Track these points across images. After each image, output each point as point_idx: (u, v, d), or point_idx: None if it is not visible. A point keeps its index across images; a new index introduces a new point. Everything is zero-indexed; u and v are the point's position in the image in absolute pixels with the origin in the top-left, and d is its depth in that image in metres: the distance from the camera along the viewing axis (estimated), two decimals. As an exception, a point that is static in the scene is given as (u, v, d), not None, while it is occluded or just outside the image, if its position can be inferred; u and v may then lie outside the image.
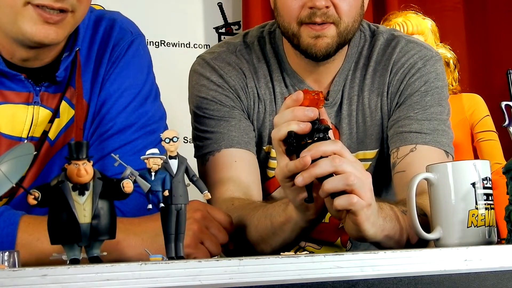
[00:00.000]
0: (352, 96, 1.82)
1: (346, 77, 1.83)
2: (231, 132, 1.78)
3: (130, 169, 1.05)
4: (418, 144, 1.73)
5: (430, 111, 1.78)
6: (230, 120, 1.79)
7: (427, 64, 1.82)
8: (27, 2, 1.43)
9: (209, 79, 1.82)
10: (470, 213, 1.32)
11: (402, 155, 1.73)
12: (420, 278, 1.06)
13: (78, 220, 1.01)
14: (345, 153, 1.34)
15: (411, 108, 1.78)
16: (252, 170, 1.78)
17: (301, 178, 1.33)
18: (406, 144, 1.74)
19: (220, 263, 0.97)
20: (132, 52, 1.67)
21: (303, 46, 1.72)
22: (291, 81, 1.83)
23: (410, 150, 1.73)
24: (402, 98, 1.80)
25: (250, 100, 1.82)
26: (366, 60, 1.85)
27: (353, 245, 1.89)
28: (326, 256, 1.01)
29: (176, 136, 1.09)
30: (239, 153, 1.77)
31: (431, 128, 1.76)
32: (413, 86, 1.79)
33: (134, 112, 1.63)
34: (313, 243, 1.88)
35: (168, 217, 1.08)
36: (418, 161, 1.70)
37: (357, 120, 1.82)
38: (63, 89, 1.60)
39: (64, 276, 0.90)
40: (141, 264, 0.94)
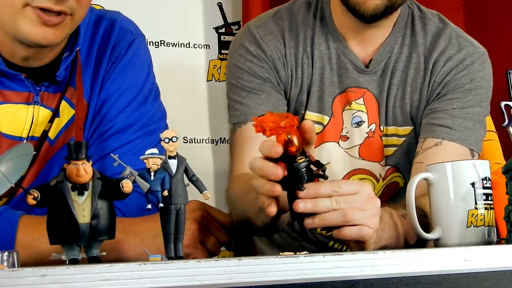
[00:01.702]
0: (396, 70, 1.84)
1: (391, 50, 1.84)
2: (259, 105, 1.79)
3: (129, 169, 1.05)
4: (444, 140, 1.75)
5: (468, 110, 1.79)
6: (259, 94, 1.80)
7: (476, 62, 1.83)
8: (26, 4, 1.43)
9: (247, 49, 1.84)
10: (470, 213, 1.32)
11: (426, 146, 1.75)
12: (419, 278, 1.05)
13: (77, 220, 1.00)
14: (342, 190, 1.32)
15: (450, 103, 1.79)
16: None
17: (311, 221, 1.30)
18: (433, 137, 1.76)
19: (219, 263, 0.96)
20: (132, 52, 1.67)
21: (352, 2, 1.73)
22: (335, 44, 1.84)
23: (435, 143, 1.75)
24: (445, 90, 1.81)
25: (287, 69, 1.83)
26: (415, 40, 1.86)
27: None
28: (325, 256, 1.01)
29: (176, 136, 1.09)
30: None
31: (464, 126, 1.77)
32: (458, 82, 1.80)
33: (134, 112, 1.63)
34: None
35: (167, 217, 1.08)
36: (439, 156, 1.71)
37: (396, 94, 1.83)
38: (63, 89, 1.60)
39: (64, 276, 0.90)
40: (140, 264, 0.93)
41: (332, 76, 1.83)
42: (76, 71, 1.60)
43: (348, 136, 1.84)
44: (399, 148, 1.83)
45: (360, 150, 1.84)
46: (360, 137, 1.84)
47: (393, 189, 1.86)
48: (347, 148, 1.84)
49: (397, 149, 1.83)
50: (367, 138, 1.84)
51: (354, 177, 1.84)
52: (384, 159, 1.84)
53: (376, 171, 1.84)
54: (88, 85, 1.61)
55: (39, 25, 1.45)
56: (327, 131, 1.84)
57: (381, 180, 1.84)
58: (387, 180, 1.84)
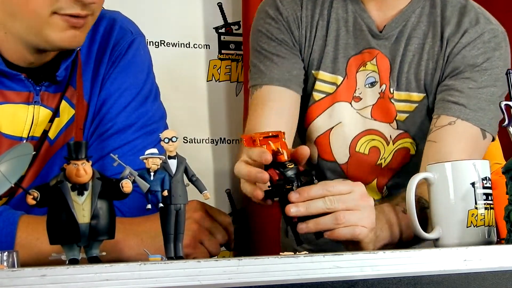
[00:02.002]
0: (413, 37, 1.85)
1: (408, 18, 1.85)
2: (273, 69, 1.84)
3: (129, 169, 1.05)
4: (459, 119, 1.75)
5: (483, 91, 1.79)
6: (273, 58, 1.84)
7: (493, 41, 1.83)
8: (53, 12, 1.44)
9: (267, 12, 1.88)
10: (470, 213, 1.32)
11: (440, 124, 1.76)
12: (419, 278, 1.05)
13: (77, 220, 1.00)
14: (335, 190, 1.33)
15: (466, 81, 1.79)
16: (285, 112, 1.83)
17: (305, 226, 1.32)
18: (448, 115, 1.76)
19: (219, 263, 0.96)
20: (132, 52, 1.67)
21: None
22: (353, 7, 1.87)
23: (448, 122, 1.75)
24: (461, 67, 1.81)
25: (302, 29, 1.87)
26: (434, 12, 1.86)
27: (388, 193, 1.89)
28: (325, 256, 1.01)
29: (175, 136, 1.09)
30: (277, 92, 1.83)
31: (478, 106, 1.77)
32: (475, 60, 1.80)
33: (134, 112, 1.63)
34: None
35: (167, 217, 1.08)
36: (452, 136, 1.73)
37: (411, 61, 1.84)
38: (63, 89, 1.60)
39: (63, 276, 0.90)
40: (140, 264, 0.93)
41: (347, 38, 1.86)
42: (76, 71, 1.60)
43: (361, 97, 1.86)
44: (411, 114, 1.84)
45: (372, 110, 1.85)
46: (373, 97, 1.85)
47: (403, 155, 1.86)
48: (360, 109, 1.86)
49: (409, 115, 1.84)
50: (379, 99, 1.85)
51: (365, 137, 1.85)
52: (395, 123, 1.84)
53: (387, 132, 1.85)
54: (88, 85, 1.61)
55: (68, 29, 1.47)
56: (340, 91, 1.86)
57: (391, 143, 1.85)
58: (397, 144, 1.85)
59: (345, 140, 1.86)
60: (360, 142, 1.86)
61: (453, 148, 1.71)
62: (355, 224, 1.32)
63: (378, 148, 1.85)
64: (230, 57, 2.62)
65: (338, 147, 1.87)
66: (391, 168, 1.87)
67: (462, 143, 1.73)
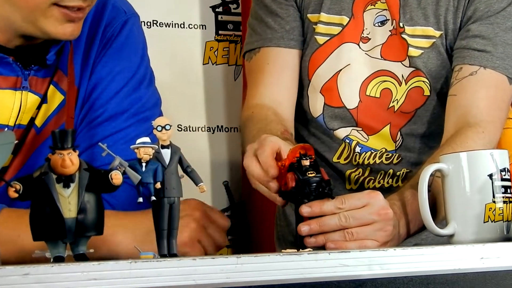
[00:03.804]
0: None
1: None
2: (266, 30, 1.88)
3: (119, 159, 1.05)
4: (482, 67, 1.75)
5: (509, 37, 1.79)
6: (276, 19, 1.88)
7: None
8: (52, 3, 1.45)
9: None
10: (487, 207, 1.32)
11: (461, 76, 1.76)
12: (432, 278, 1.05)
13: (62, 215, 1.00)
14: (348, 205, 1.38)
15: (490, 27, 1.79)
16: (284, 73, 1.86)
17: (314, 240, 1.37)
18: (471, 64, 1.76)
19: (216, 261, 0.96)
20: (125, 33, 1.67)
21: None
22: None
23: (470, 73, 1.75)
24: (484, 10, 1.81)
25: None
26: None
27: (403, 143, 1.89)
28: (331, 254, 1.01)
29: (169, 123, 1.09)
30: (274, 53, 1.87)
31: (506, 54, 1.77)
32: (499, 4, 1.80)
33: (127, 97, 1.63)
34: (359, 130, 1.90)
35: (160, 211, 1.08)
36: (474, 86, 1.74)
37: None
38: (52, 73, 1.59)
39: (48, 275, 0.90)
40: (131, 262, 0.93)
41: None
42: (66, 54, 1.60)
43: (370, 37, 1.87)
44: (427, 51, 1.83)
45: (382, 50, 1.86)
46: (382, 36, 1.86)
47: (417, 96, 1.86)
48: (368, 50, 1.87)
49: (424, 52, 1.83)
50: (390, 36, 1.86)
51: (376, 80, 1.86)
52: (408, 60, 1.85)
53: (398, 72, 1.85)
54: (78, 68, 1.61)
55: (65, 22, 1.48)
56: (346, 32, 1.87)
57: (403, 83, 1.85)
58: (410, 83, 1.85)
59: (355, 83, 1.86)
60: (371, 85, 1.86)
61: (474, 99, 1.72)
62: (365, 239, 1.37)
63: (390, 90, 1.86)
64: (228, 39, 2.61)
65: (347, 91, 1.87)
66: (404, 112, 1.86)
67: (483, 91, 1.74)
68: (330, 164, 1.89)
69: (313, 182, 1.33)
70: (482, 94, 1.73)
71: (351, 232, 1.36)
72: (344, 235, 1.36)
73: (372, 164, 1.87)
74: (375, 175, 1.87)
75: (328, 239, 1.36)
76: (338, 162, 1.90)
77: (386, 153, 1.86)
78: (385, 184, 1.87)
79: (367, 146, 1.87)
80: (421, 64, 1.83)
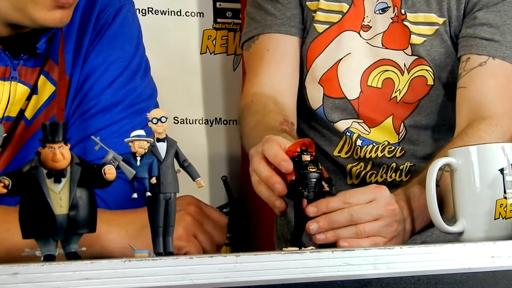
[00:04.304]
0: None
1: None
2: (266, 17, 1.89)
3: (112, 153, 1.05)
4: (490, 57, 1.76)
5: None
6: (276, 6, 1.89)
7: None
8: None
9: None
10: (498, 203, 1.32)
11: (469, 67, 1.77)
12: (440, 277, 1.05)
13: (53, 211, 1.00)
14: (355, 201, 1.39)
15: (498, 16, 1.80)
16: (285, 60, 1.88)
17: (323, 237, 1.38)
18: (480, 54, 1.77)
19: (214, 260, 0.96)
20: (120, 20, 1.67)
21: None
22: None
23: (479, 63, 1.76)
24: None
25: None
26: None
27: (407, 135, 1.90)
28: (334, 252, 1.01)
29: (165, 116, 1.09)
30: (274, 39, 1.88)
31: None
32: None
33: (121, 88, 1.63)
34: (360, 122, 1.90)
35: (155, 207, 1.08)
36: (483, 78, 1.75)
37: None
38: (42, 62, 1.59)
39: (38, 274, 0.90)
40: (125, 261, 0.93)
41: None
42: (57, 43, 1.59)
43: (370, 25, 1.87)
44: (429, 38, 1.84)
45: (384, 38, 1.87)
46: (384, 23, 1.87)
47: (420, 86, 1.87)
48: (369, 39, 1.88)
49: (426, 39, 1.84)
50: (391, 24, 1.86)
51: (377, 69, 1.87)
52: (410, 48, 1.85)
53: (400, 60, 1.86)
54: (70, 57, 1.61)
55: (55, 9, 1.48)
56: (346, 20, 1.88)
57: (406, 73, 1.86)
58: (412, 72, 1.86)
59: (355, 73, 1.87)
60: (372, 74, 1.87)
61: (484, 91, 1.73)
62: (374, 235, 1.39)
63: (392, 80, 1.86)
64: (226, 27, 2.61)
65: (347, 81, 1.88)
66: (407, 102, 1.87)
67: (493, 82, 1.75)
68: (330, 158, 1.89)
69: (313, 177, 1.33)
70: (492, 85, 1.74)
71: (363, 228, 1.37)
72: (356, 232, 1.37)
73: (374, 157, 1.87)
74: (377, 169, 1.88)
75: (339, 236, 1.37)
76: (339, 156, 1.90)
77: (388, 146, 1.87)
78: (388, 178, 1.88)
79: (368, 139, 1.87)
80: (424, 52, 1.83)
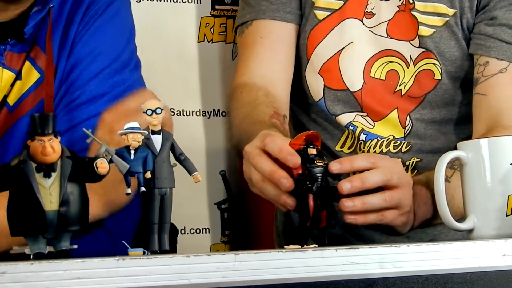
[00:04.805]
0: None
1: None
2: (261, 1, 1.89)
3: (105, 146, 1.04)
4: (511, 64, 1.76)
5: None
6: None
7: None
8: None
9: None
10: (510, 199, 1.32)
11: (488, 73, 1.76)
12: (450, 277, 1.05)
13: (43, 207, 1.00)
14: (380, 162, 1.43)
15: None
16: (279, 48, 1.88)
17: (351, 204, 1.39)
18: (499, 58, 1.76)
19: (212, 259, 0.96)
20: (111, 13, 1.67)
21: None
22: None
23: (499, 70, 1.75)
24: None
25: None
26: None
27: (413, 129, 1.89)
28: (338, 250, 1.01)
29: (160, 107, 1.09)
30: (268, 26, 1.88)
31: None
32: None
33: (108, 80, 1.63)
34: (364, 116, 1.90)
35: (150, 203, 1.08)
36: (504, 86, 1.75)
37: None
38: (28, 48, 1.59)
39: (27, 273, 0.90)
40: (118, 259, 0.93)
41: None
42: (43, 29, 1.59)
43: (374, 12, 1.86)
44: (439, 30, 1.83)
45: (389, 27, 1.86)
46: (389, 11, 1.86)
47: (427, 80, 1.85)
48: (373, 27, 1.87)
49: (435, 31, 1.83)
50: (397, 13, 1.85)
51: (381, 60, 1.86)
52: (417, 39, 1.84)
53: (406, 52, 1.85)
54: (57, 46, 1.61)
55: None
56: (348, 6, 1.87)
57: (411, 65, 1.85)
58: (419, 65, 1.84)
59: (358, 63, 1.86)
60: (376, 65, 1.86)
61: (505, 100, 1.73)
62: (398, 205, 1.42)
63: (396, 72, 1.85)
64: (225, 14, 2.60)
65: (350, 72, 1.86)
66: (413, 96, 1.86)
67: None
68: (332, 153, 1.88)
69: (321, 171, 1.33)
70: None
71: (390, 195, 1.40)
72: (384, 200, 1.40)
73: (378, 153, 1.86)
74: None
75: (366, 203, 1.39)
76: (342, 151, 1.89)
77: (394, 141, 1.86)
78: None
79: (373, 134, 1.86)
80: (432, 45, 1.82)
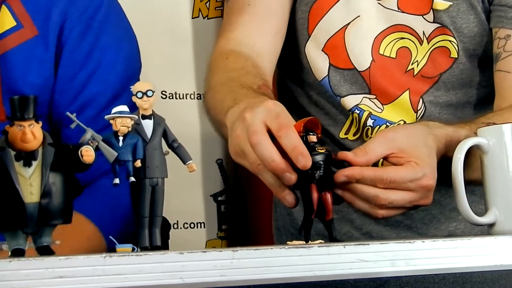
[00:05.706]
0: None
1: None
2: None
3: (91, 132, 1.05)
4: None
5: None
6: None
7: None
8: None
9: None
10: (535, 191, 1.32)
11: (511, 48, 1.75)
12: (469, 276, 1.05)
13: (23, 199, 1.00)
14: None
15: None
16: (268, 18, 1.85)
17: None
18: None
19: (208, 256, 0.96)
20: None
21: None
22: None
23: None
24: None
25: None
26: None
27: (426, 113, 1.88)
28: (346, 247, 1.01)
29: (151, 89, 1.09)
30: None
31: None
32: None
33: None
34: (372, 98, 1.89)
35: (140, 194, 1.08)
36: None
37: None
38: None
39: (5, 272, 0.90)
40: (105, 256, 0.93)
41: None
42: None
43: None
44: (456, 3, 1.81)
45: (400, 0, 1.83)
46: None
47: (442, 58, 1.84)
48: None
49: (452, 4, 1.81)
50: None
51: (391, 36, 1.84)
52: (431, 13, 1.82)
53: (419, 28, 1.83)
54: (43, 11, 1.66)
55: None
56: None
57: (425, 42, 1.83)
58: (433, 42, 1.83)
59: (366, 40, 1.84)
60: (385, 42, 1.84)
61: None
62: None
63: (408, 49, 1.84)
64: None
65: (357, 49, 1.84)
66: (426, 77, 1.85)
67: None
68: (336, 141, 1.86)
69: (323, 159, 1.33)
70: None
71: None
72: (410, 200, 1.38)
73: None
74: None
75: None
76: (346, 138, 1.87)
77: None
78: None
79: (381, 118, 1.85)
80: (448, 20, 1.81)
